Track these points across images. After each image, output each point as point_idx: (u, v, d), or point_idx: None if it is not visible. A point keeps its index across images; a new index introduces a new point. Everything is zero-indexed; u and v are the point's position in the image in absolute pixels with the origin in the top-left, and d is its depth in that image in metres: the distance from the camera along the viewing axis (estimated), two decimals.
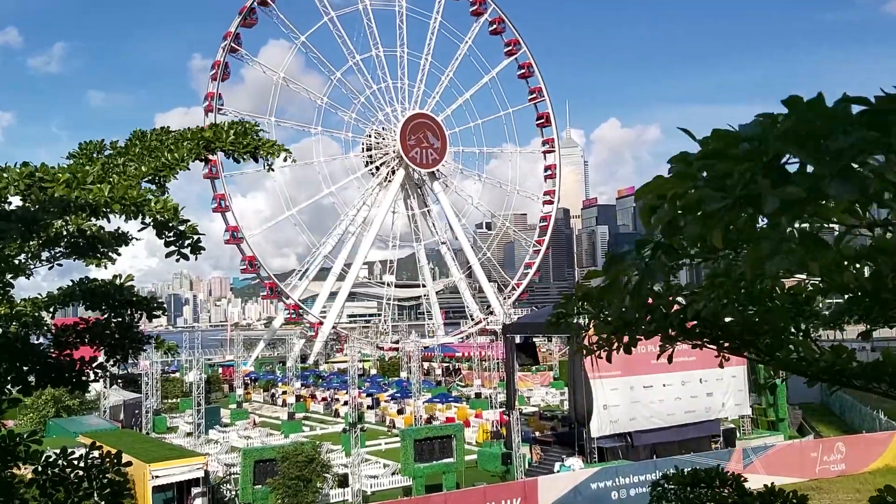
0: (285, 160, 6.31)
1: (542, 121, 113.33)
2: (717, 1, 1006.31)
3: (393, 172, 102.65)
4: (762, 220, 1.86)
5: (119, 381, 57.42)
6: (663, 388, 32.42)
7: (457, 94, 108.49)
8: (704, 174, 1.82)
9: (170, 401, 60.21)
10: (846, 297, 2.97)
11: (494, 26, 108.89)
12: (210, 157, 6.10)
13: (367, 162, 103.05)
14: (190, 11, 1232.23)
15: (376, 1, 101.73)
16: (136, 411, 46.34)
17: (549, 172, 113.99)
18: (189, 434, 43.91)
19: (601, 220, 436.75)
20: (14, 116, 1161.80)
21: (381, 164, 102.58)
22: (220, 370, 78.65)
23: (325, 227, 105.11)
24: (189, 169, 5.79)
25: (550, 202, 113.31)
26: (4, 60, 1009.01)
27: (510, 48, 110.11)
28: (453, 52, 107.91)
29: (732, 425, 37.04)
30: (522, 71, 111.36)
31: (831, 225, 2.24)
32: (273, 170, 6.47)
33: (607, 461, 30.38)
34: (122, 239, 5.76)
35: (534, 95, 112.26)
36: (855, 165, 1.71)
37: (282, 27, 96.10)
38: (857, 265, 2.44)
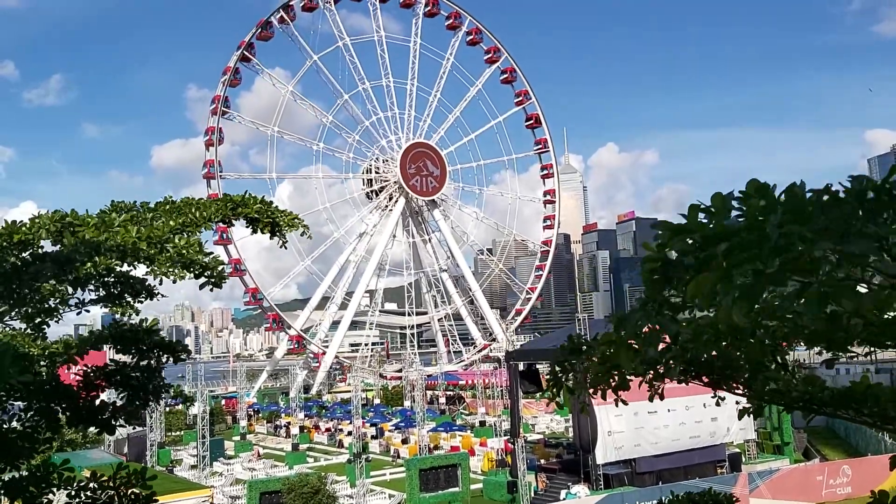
0: (302, 234, 6.83)
1: (532, 122, 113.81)
2: (710, 26, 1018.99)
3: (393, 200, 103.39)
4: None
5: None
6: (668, 414, 32.42)
7: (446, 111, 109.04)
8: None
9: (173, 433, 60.01)
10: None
11: (472, 37, 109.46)
12: (226, 223, 6.59)
13: (368, 194, 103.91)
14: (184, 42, 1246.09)
15: (357, 37, 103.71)
16: (142, 447, 46.20)
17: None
18: (193, 467, 43.80)
19: (602, 245, 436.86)
20: (15, 152, 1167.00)
21: (381, 193, 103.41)
22: (224, 402, 78.40)
23: (325, 256, 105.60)
24: (213, 229, 6.23)
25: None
26: (1, 94, 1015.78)
27: (490, 55, 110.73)
28: (437, 71, 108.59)
29: (738, 450, 36.99)
30: (505, 76, 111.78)
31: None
32: (286, 247, 7.01)
33: (613, 488, 30.34)
34: (149, 292, 6.14)
35: (520, 98, 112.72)
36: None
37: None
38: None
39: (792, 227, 2.16)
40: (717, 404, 4.58)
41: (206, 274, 5.82)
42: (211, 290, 6.06)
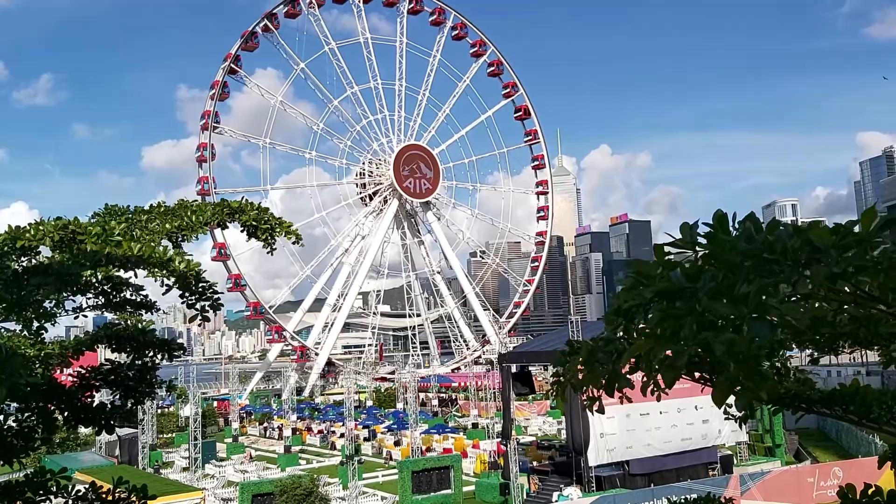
0: (294, 243, 6.99)
1: (521, 113, 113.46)
2: (703, 29, 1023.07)
3: (388, 203, 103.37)
4: None
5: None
6: (660, 416, 32.56)
7: (436, 109, 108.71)
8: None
9: (165, 435, 59.83)
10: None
11: (457, 32, 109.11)
12: (220, 238, 6.67)
13: (363, 198, 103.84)
14: (174, 42, 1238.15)
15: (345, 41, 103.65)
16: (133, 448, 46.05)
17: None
18: (185, 469, 43.69)
19: (595, 248, 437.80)
20: (6, 153, 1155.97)
21: (374, 195, 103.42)
22: (216, 404, 78.17)
23: (318, 259, 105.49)
24: (206, 233, 6.27)
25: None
26: None
27: (476, 49, 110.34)
28: (424, 69, 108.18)
29: (729, 452, 37.17)
30: (492, 69, 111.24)
31: None
32: (272, 255, 7.15)
33: (605, 490, 30.43)
34: (149, 306, 6.20)
35: (508, 90, 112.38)
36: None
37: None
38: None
39: (712, 305, 2.43)
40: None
41: (197, 307, 5.87)
42: (200, 325, 6.12)
